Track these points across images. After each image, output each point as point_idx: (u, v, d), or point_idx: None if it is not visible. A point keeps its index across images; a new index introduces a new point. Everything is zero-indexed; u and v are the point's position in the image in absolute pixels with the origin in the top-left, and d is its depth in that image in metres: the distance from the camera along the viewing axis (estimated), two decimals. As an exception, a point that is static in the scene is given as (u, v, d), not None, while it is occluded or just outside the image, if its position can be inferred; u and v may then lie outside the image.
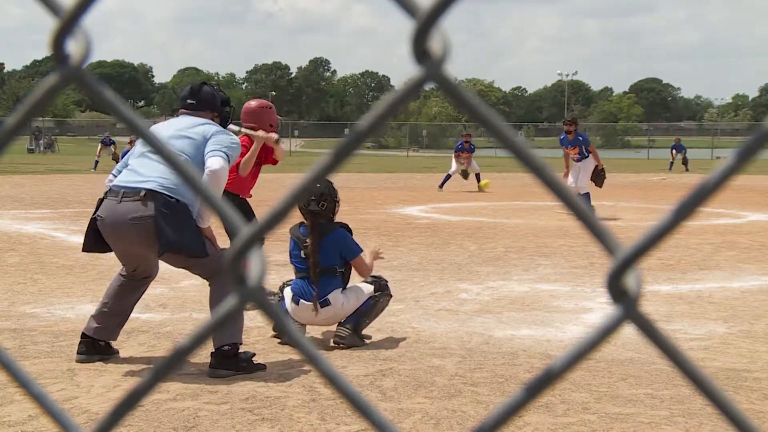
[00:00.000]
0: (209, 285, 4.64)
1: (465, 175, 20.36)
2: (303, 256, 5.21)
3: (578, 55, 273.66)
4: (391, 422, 0.55)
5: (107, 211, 4.51)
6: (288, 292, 5.26)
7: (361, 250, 5.30)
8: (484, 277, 7.80)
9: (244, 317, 4.91)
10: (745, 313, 6.24)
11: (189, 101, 4.94)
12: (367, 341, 5.25)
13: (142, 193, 4.41)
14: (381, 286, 5.38)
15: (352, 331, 5.17)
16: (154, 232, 4.38)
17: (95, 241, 4.63)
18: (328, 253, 5.21)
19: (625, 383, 4.38)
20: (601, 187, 13.78)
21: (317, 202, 5.23)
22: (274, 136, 6.42)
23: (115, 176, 4.72)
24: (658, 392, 4.21)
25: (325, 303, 5.16)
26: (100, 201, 4.60)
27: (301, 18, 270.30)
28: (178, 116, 4.95)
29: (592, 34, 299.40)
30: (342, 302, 5.20)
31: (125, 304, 4.80)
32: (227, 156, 4.58)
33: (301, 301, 5.16)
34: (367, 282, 5.40)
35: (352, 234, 5.36)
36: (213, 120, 4.91)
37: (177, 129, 4.70)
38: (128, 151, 17.12)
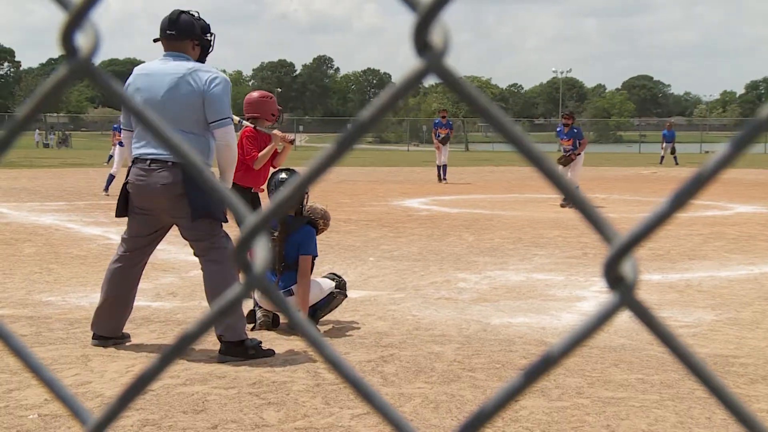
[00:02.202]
0: (201, 265, 4.70)
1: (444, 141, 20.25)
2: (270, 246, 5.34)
3: (573, 53, 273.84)
4: (392, 406, 0.56)
5: (137, 176, 4.63)
6: None
7: (316, 254, 5.38)
8: (481, 266, 7.87)
9: (243, 311, 4.97)
10: (733, 301, 6.33)
11: (168, 32, 4.77)
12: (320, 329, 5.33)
13: (169, 163, 4.53)
14: (340, 285, 5.53)
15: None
16: (183, 200, 4.51)
17: (126, 206, 4.74)
18: (294, 248, 5.30)
19: (617, 369, 4.45)
20: (564, 165, 14.14)
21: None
22: (290, 136, 6.45)
23: (127, 129, 4.85)
24: (649, 377, 4.29)
25: (289, 293, 5.25)
26: (129, 168, 4.72)
27: (314, 18, 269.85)
28: (163, 54, 4.81)
29: (587, 33, 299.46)
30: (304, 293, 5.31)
31: (125, 294, 4.82)
32: (230, 120, 4.67)
33: None
34: (328, 278, 5.53)
35: (316, 233, 5.44)
36: (194, 48, 4.81)
37: (169, 84, 4.61)
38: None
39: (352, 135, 0.52)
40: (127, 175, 4.72)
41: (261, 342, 4.71)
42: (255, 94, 6.67)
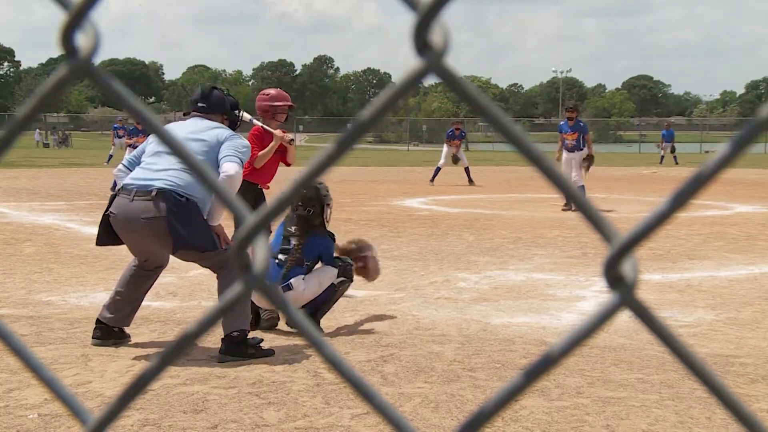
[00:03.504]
0: (217, 276, 4.75)
1: (455, 160, 20.36)
2: (282, 236, 5.38)
3: (573, 53, 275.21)
4: (392, 406, 0.56)
5: (120, 208, 4.62)
6: None
7: (335, 270, 5.42)
8: (481, 266, 7.89)
9: (250, 305, 5.03)
10: (732, 301, 6.34)
11: (200, 104, 5.01)
12: (323, 331, 5.33)
13: (153, 192, 4.52)
14: (345, 271, 5.46)
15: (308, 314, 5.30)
16: (166, 231, 4.51)
17: (108, 235, 4.75)
18: (307, 250, 5.35)
19: (617, 368, 4.46)
20: (587, 171, 14.06)
21: (304, 207, 5.36)
22: (289, 136, 6.54)
23: (125, 167, 4.83)
24: (649, 377, 4.30)
25: (287, 288, 5.25)
26: (113, 197, 4.71)
27: (314, 18, 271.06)
28: (189, 118, 5.02)
29: (587, 33, 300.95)
30: (303, 288, 5.29)
31: (137, 292, 4.91)
32: (241, 161, 4.71)
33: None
34: (331, 265, 5.46)
35: (334, 242, 5.50)
36: (223, 122, 5.01)
37: (191, 131, 4.79)
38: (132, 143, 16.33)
39: (352, 135, 0.52)
40: (109, 206, 4.71)
41: (261, 341, 4.74)
42: (272, 91, 6.74)
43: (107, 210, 4.71)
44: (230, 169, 4.62)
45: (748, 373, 4.44)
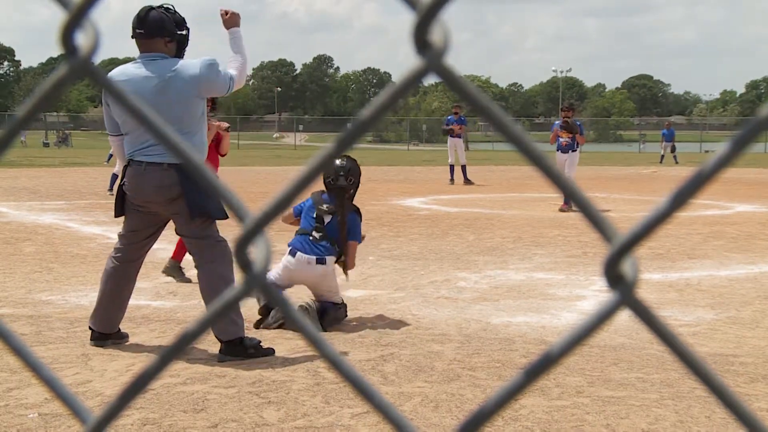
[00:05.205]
0: (195, 264, 4.70)
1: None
2: (314, 216, 5.47)
3: (573, 52, 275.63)
4: (392, 405, 0.56)
5: (133, 178, 4.63)
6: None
7: (360, 240, 5.62)
8: (481, 266, 7.88)
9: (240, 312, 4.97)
10: (732, 300, 6.33)
11: (137, 30, 4.60)
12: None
13: (165, 165, 4.53)
14: (343, 304, 5.57)
15: (317, 311, 5.35)
16: (180, 201, 4.52)
17: (123, 206, 4.76)
18: (337, 228, 5.50)
19: (617, 368, 4.45)
20: (566, 128, 13.85)
21: (345, 177, 5.51)
22: (224, 124, 6.68)
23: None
24: (649, 376, 4.29)
25: (322, 261, 5.38)
26: (125, 168, 4.72)
27: (315, 18, 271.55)
28: (137, 57, 4.66)
29: (587, 33, 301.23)
30: (331, 269, 5.43)
31: (121, 295, 4.84)
32: (228, 73, 4.71)
33: (299, 253, 5.36)
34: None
35: (361, 220, 5.66)
36: (167, 45, 4.65)
37: (157, 87, 4.52)
38: None
39: (352, 134, 0.52)
40: (123, 176, 4.73)
41: (261, 341, 4.72)
42: None
43: (121, 180, 4.73)
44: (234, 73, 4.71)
45: (748, 372, 4.44)
